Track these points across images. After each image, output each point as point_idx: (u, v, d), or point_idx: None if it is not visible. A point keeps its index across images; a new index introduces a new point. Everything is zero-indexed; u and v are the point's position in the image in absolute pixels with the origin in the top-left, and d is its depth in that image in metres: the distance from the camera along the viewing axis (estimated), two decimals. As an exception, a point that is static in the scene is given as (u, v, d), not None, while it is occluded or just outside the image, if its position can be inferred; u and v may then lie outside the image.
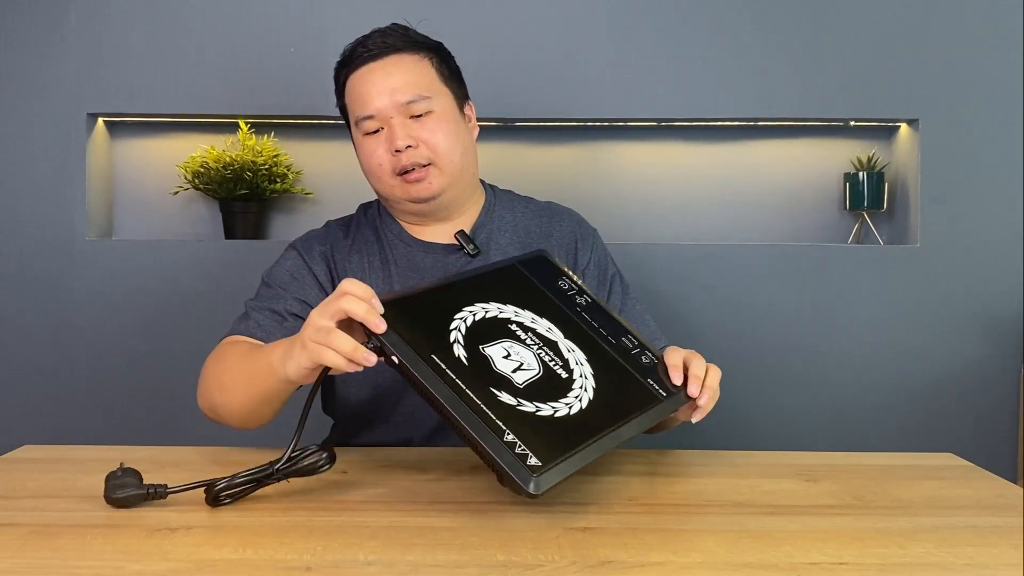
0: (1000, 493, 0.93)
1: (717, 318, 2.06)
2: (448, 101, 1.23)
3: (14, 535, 0.77)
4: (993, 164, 2.06)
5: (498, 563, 0.71)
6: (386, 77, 1.19)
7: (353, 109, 1.22)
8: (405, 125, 1.18)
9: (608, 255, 1.35)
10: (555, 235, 1.31)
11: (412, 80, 1.19)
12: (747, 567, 0.71)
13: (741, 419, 2.04)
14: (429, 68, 1.22)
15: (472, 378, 0.85)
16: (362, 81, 1.20)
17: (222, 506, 0.84)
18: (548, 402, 0.86)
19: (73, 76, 2.04)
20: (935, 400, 2.06)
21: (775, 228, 2.20)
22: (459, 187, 1.24)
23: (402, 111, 1.18)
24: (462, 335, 0.90)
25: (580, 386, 0.91)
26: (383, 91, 1.18)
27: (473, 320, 0.93)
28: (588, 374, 0.93)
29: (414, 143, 1.18)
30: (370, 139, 1.20)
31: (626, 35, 2.06)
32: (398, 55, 1.20)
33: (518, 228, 1.30)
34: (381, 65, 1.19)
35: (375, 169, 1.21)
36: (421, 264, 1.25)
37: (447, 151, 1.20)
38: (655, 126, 2.18)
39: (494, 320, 0.94)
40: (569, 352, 0.95)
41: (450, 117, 1.22)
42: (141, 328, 2.03)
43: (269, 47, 2.04)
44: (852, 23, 2.06)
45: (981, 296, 2.06)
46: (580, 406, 0.88)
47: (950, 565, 0.72)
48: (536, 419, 0.84)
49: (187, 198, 2.18)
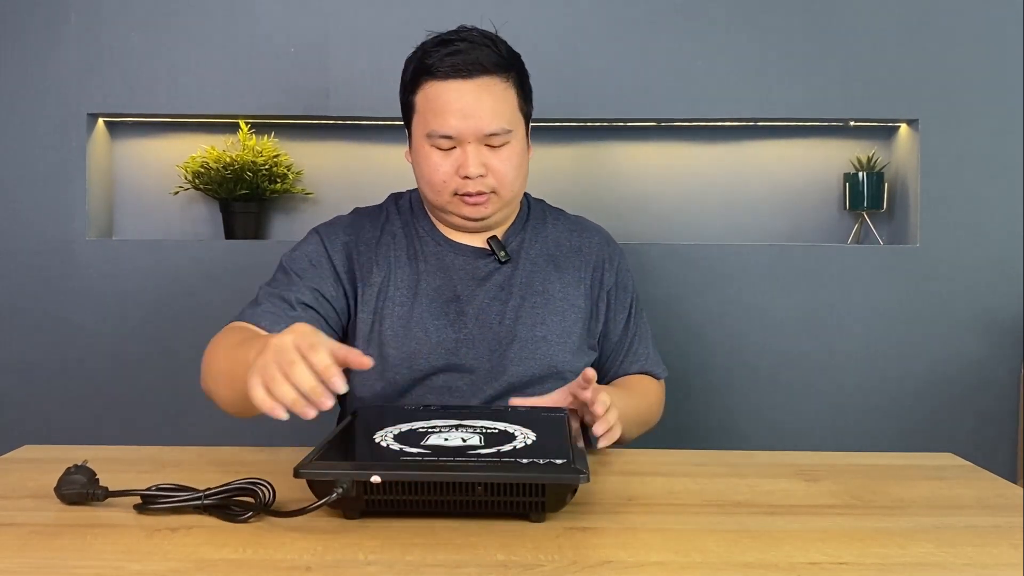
0: (1000, 493, 0.93)
1: (717, 318, 2.06)
2: (522, 131, 1.23)
3: (14, 535, 0.77)
4: (993, 164, 2.06)
5: (498, 563, 0.71)
6: (475, 102, 1.16)
7: (428, 120, 1.18)
8: (480, 152, 1.17)
9: (631, 276, 1.37)
10: (584, 251, 1.32)
11: (499, 111, 1.17)
12: (747, 567, 0.71)
13: (741, 419, 2.04)
14: (514, 96, 1.20)
15: (439, 453, 0.84)
16: (448, 98, 1.17)
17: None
18: (508, 444, 0.87)
19: (73, 76, 2.04)
20: (935, 400, 2.06)
21: (775, 228, 2.20)
22: (509, 209, 1.27)
23: (482, 140, 1.17)
24: (393, 439, 0.90)
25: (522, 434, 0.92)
26: (469, 115, 1.16)
27: (398, 432, 0.93)
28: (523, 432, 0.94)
29: (485, 172, 1.18)
30: (438, 153, 1.19)
31: (626, 35, 2.06)
32: (489, 78, 1.18)
33: (548, 240, 1.31)
34: (471, 88, 1.16)
35: (437, 184, 1.20)
36: (451, 265, 1.25)
37: (511, 182, 1.21)
38: (655, 126, 2.18)
39: (414, 431, 0.93)
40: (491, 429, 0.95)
41: (521, 148, 1.22)
42: (141, 328, 2.03)
43: (269, 47, 2.04)
44: (852, 23, 2.06)
45: (981, 296, 2.06)
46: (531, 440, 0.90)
47: (950, 565, 0.72)
48: (516, 451, 0.85)
49: (187, 198, 2.18)
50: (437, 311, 1.21)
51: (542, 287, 1.26)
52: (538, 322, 1.23)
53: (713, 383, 2.06)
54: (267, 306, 1.16)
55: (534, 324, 1.23)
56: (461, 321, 1.21)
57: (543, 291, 1.25)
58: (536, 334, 1.22)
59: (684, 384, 2.05)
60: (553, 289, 1.26)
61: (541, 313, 1.24)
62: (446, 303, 1.22)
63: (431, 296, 1.23)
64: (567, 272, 1.28)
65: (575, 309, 1.26)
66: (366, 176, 2.15)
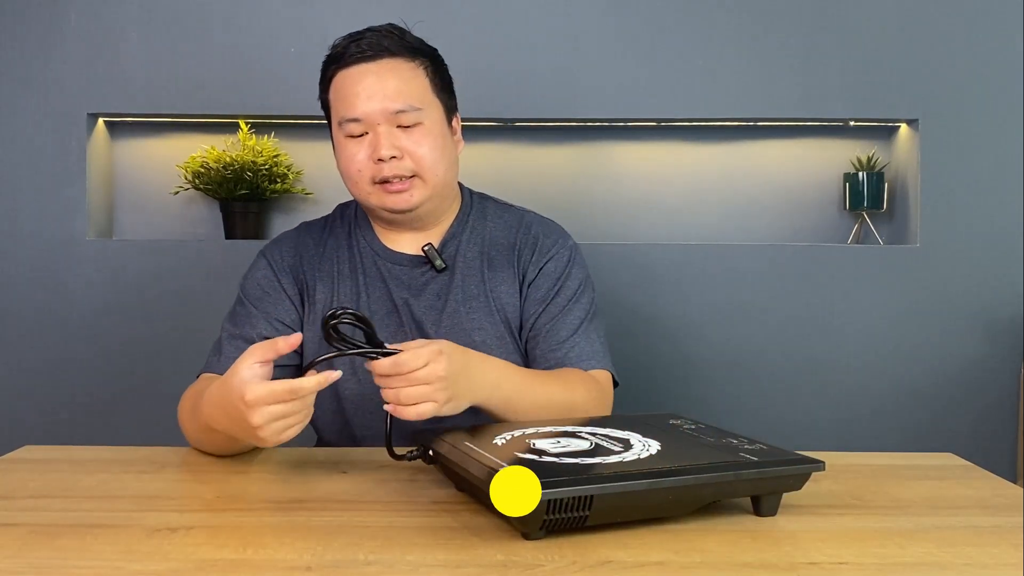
0: (1000, 493, 0.93)
1: (717, 318, 2.06)
2: (438, 113, 1.20)
3: (14, 535, 0.77)
4: (993, 164, 2.06)
5: (498, 563, 0.71)
6: (379, 81, 1.15)
7: (338, 108, 1.18)
8: (391, 134, 1.15)
9: (574, 269, 1.26)
10: (517, 245, 1.26)
11: (405, 89, 1.16)
12: (747, 567, 0.71)
13: (741, 419, 2.04)
14: (423, 77, 1.19)
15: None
16: (352, 81, 1.16)
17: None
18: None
19: (73, 76, 2.04)
20: (935, 400, 2.06)
21: (775, 228, 2.20)
22: (438, 200, 1.22)
23: (390, 119, 1.15)
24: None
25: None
26: (374, 95, 1.15)
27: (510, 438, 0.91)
28: None
29: (399, 154, 1.15)
30: (352, 142, 1.17)
31: (626, 35, 2.06)
32: (393, 59, 1.17)
33: (485, 240, 1.26)
34: (375, 68, 1.16)
35: (353, 174, 1.17)
36: (388, 275, 1.23)
37: (432, 165, 1.17)
38: (655, 126, 2.18)
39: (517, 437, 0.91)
40: None
41: (438, 131, 1.19)
42: (141, 328, 2.03)
43: (269, 47, 2.04)
44: (852, 23, 2.06)
45: (981, 296, 2.06)
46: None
47: (950, 565, 0.72)
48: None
49: (187, 198, 2.18)
50: (379, 324, 1.20)
51: (477, 290, 1.22)
52: (475, 327, 1.20)
53: (713, 383, 2.06)
54: (229, 351, 1.17)
55: (471, 330, 1.19)
56: (401, 332, 1.20)
57: (478, 294, 1.22)
58: (474, 339, 1.19)
59: (683, 384, 2.05)
60: (488, 290, 1.22)
61: (478, 318, 1.20)
62: (386, 315, 1.21)
63: (372, 309, 1.21)
64: (500, 271, 1.24)
65: (511, 308, 1.23)
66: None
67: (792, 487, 0.84)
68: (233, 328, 1.20)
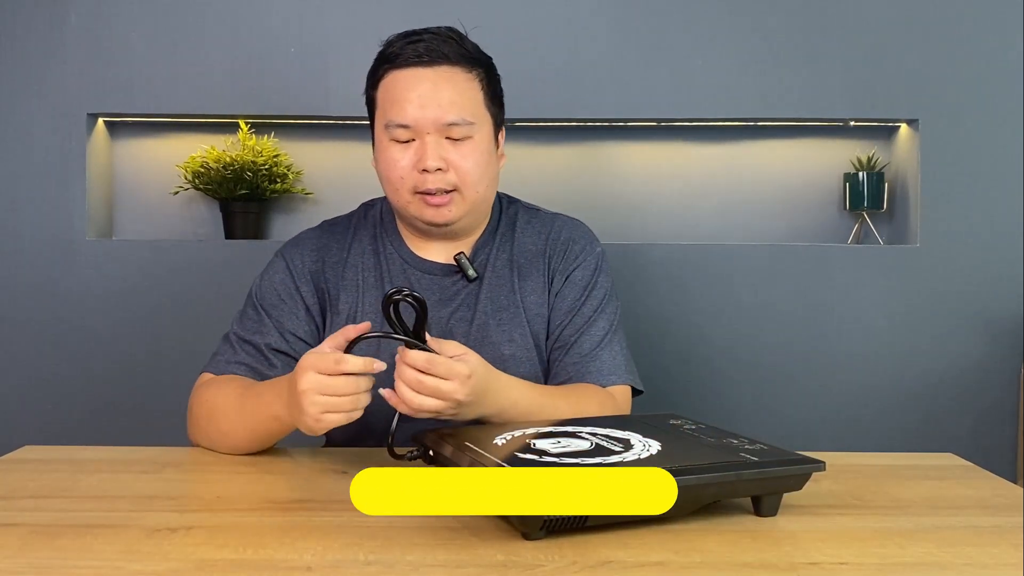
0: (1000, 493, 0.93)
1: (717, 318, 2.06)
2: (488, 128, 1.16)
3: (14, 535, 0.77)
4: (993, 164, 2.06)
5: (498, 563, 0.71)
6: (433, 89, 1.11)
7: (386, 110, 1.13)
8: (439, 145, 1.11)
9: (600, 277, 1.23)
10: (547, 251, 1.23)
11: (459, 100, 1.12)
12: (747, 567, 0.71)
13: (741, 419, 2.04)
14: (478, 89, 1.15)
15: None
16: (405, 85, 1.11)
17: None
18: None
19: (73, 76, 2.04)
20: (935, 400, 2.06)
21: (775, 228, 2.20)
22: (475, 215, 1.18)
23: (441, 130, 1.11)
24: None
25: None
26: (427, 104, 1.10)
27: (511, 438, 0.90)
28: None
29: (444, 166, 1.11)
30: (396, 146, 1.13)
31: (626, 35, 2.06)
32: (451, 67, 1.13)
33: (515, 248, 1.23)
34: (431, 75, 1.11)
35: (395, 180, 1.13)
36: (417, 284, 1.19)
37: (475, 182, 1.13)
38: (655, 126, 2.18)
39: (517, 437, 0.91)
40: None
41: (485, 146, 1.15)
42: (141, 328, 2.03)
43: (269, 47, 2.04)
44: (852, 23, 2.06)
45: (981, 296, 2.06)
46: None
47: (950, 565, 0.72)
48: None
49: (187, 198, 2.18)
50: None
51: (508, 300, 1.19)
52: (505, 340, 1.17)
53: (713, 383, 2.06)
54: (242, 356, 1.14)
55: (500, 343, 1.17)
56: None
57: (508, 305, 1.19)
58: (503, 352, 1.16)
59: (683, 384, 2.05)
60: (519, 300, 1.19)
61: (508, 330, 1.18)
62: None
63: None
64: (530, 279, 1.21)
65: (540, 319, 1.20)
66: (366, 176, 2.13)
67: (792, 487, 0.84)
68: (242, 332, 1.17)
